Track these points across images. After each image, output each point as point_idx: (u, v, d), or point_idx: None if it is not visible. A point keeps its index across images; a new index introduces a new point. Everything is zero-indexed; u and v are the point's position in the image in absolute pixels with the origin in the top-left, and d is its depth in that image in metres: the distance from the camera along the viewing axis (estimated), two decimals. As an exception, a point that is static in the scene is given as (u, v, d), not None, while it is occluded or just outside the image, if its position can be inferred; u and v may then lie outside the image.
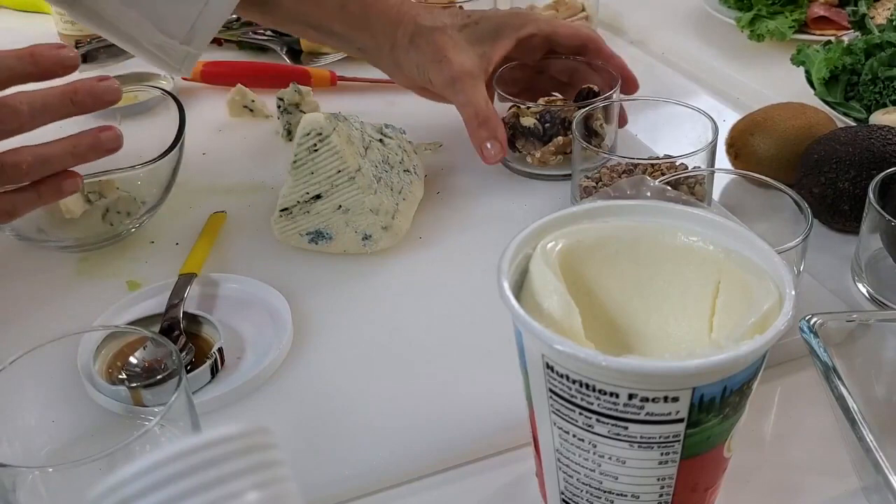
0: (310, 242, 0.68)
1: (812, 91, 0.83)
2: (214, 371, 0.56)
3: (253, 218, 0.73)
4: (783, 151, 0.72)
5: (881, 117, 0.76)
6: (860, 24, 0.87)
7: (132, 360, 0.53)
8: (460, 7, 0.99)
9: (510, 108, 0.79)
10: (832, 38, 0.87)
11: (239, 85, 0.90)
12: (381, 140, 0.72)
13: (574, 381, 0.37)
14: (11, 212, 0.58)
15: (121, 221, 0.70)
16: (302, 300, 0.63)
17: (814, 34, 0.98)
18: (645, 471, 0.38)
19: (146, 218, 0.71)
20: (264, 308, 0.62)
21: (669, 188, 0.54)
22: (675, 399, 0.36)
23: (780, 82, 0.90)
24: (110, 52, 0.93)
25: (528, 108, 0.77)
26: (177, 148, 0.68)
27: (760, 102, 0.80)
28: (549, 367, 0.37)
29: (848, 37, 0.89)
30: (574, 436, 0.39)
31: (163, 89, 0.73)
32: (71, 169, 0.59)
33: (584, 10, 1.08)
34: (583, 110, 0.72)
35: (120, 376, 0.53)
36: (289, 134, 0.85)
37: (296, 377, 0.57)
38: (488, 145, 0.71)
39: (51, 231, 0.69)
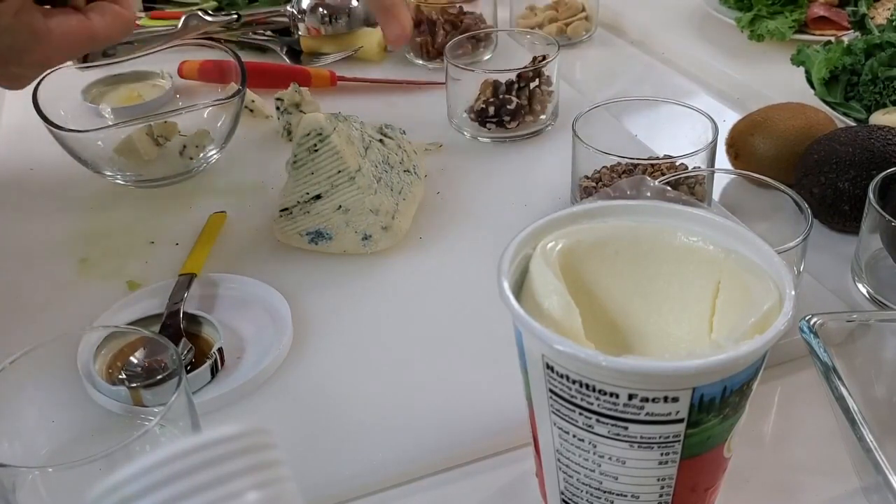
0: (310, 242, 0.68)
1: (812, 91, 0.83)
2: (214, 371, 0.56)
3: (253, 218, 0.73)
4: (783, 151, 0.72)
5: (881, 117, 0.76)
6: (860, 24, 0.87)
7: (132, 360, 0.53)
8: (460, 7, 0.99)
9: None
10: (832, 38, 0.87)
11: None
12: (381, 140, 0.72)
13: (574, 382, 0.37)
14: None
15: (198, 155, 0.78)
16: (302, 300, 0.63)
17: (814, 34, 0.98)
18: (645, 471, 0.38)
19: (216, 155, 0.79)
20: (264, 308, 0.62)
21: (669, 188, 0.54)
22: (675, 399, 0.36)
23: (780, 82, 0.90)
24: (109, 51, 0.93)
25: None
26: (240, 94, 0.77)
27: (760, 102, 0.80)
28: (549, 367, 0.37)
29: (848, 37, 0.89)
30: (574, 436, 0.39)
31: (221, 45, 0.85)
32: None
33: (584, 10, 1.08)
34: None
35: (120, 376, 0.53)
36: (289, 134, 0.85)
37: (296, 377, 0.57)
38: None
39: (130, 171, 0.77)
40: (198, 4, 1.09)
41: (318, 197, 0.66)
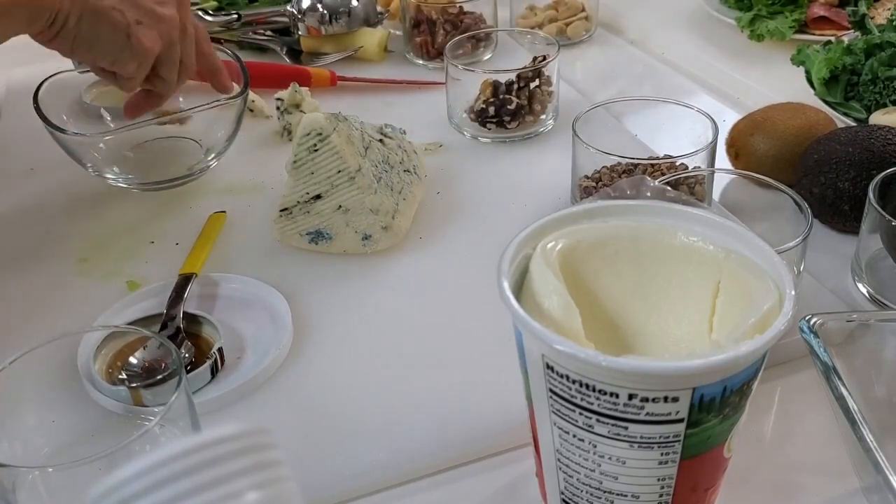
0: (310, 242, 0.68)
1: (812, 91, 0.83)
2: (214, 371, 0.56)
3: (253, 218, 0.73)
4: (783, 151, 0.72)
5: (881, 117, 0.76)
6: (860, 24, 0.87)
7: (132, 360, 0.53)
8: (460, 7, 0.99)
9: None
10: (832, 38, 0.87)
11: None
12: (381, 140, 0.72)
13: (574, 381, 0.37)
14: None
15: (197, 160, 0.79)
16: (302, 300, 0.63)
17: (814, 34, 0.98)
18: (645, 471, 0.38)
19: (217, 159, 0.79)
20: (264, 308, 0.62)
21: (669, 188, 0.54)
22: (675, 399, 0.36)
23: (780, 82, 0.90)
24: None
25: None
26: (243, 95, 0.77)
27: (760, 102, 0.80)
28: (549, 367, 0.37)
29: (848, 37, 0.89)
30: (574, 436, 0.39)
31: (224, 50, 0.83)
32: None
33: (584, 10, 1.08)
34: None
35: (120, 376, 0.53)
36: (289, 134, 0.85)
37: (296, 377, 0.57)
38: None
39: (128, 171, 0.77)
40: (198, 4, 1.09)
41: (318, 197, 0.66)
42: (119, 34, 0.63)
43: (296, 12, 1.01)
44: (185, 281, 0.63)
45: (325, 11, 1.00)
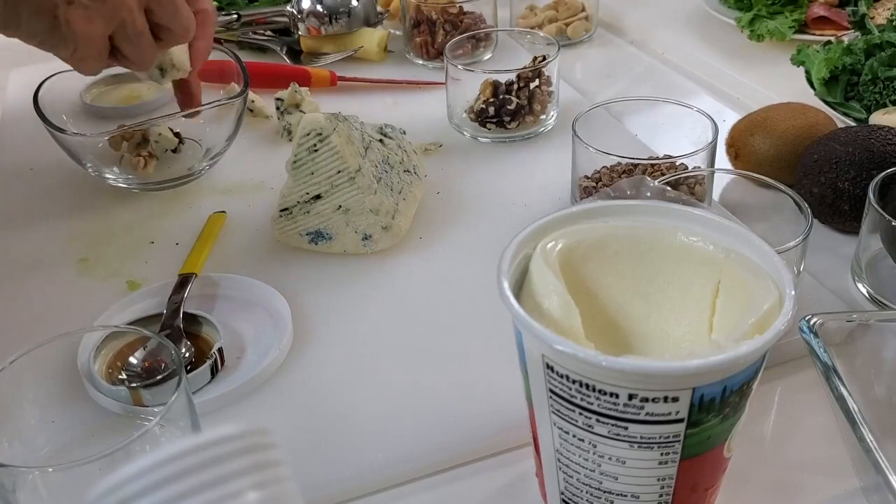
0: (310, 242, 0.68)
1: (812, 91, 0.83)
2: (214, 371, 0.56)
3: (253, 218, 0.73)
4: (783, 151, 0.72)
5: (881, 117, 0.76)
6: (860, 24, 0.87)
7: (132, 360, 0.53)
8: (460, 7, 0.99)
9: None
10: (832, 38, 0.87)
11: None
12: (381, 140, 0.72)
13: (574, 382, 0.37)
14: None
15: (199, 161, 0.79)
16: (302, 300, 0.63)
17: (814, 34, 0.98)
18: (645, 471, 0.38)
19: (217, 159, 0.79)
20: (264, 308, 0.62)
21: (669, 188, 0.54)
22: (675, 399, 0.36)
23: (780, 82, 0.90)
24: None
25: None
26: (243, 95, 0.77)
27: (760, 102, 0.80)
28: (549, 367, 0.38)
29: (848, 37, 0.89)
30: (574, 436, 0.39)
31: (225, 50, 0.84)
32: None
33: (584, 10, 1.08)
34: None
35: (120, 376, 0.53)
36: (289, 134, 0.85)
37: (296, 377, 0.57)
38: None
39: (128, 171, 0.78)
40: (198, 4, 1.08)
41: (318, 197, 0.66)
42: (44, 15, 0.58)
43: (296, 12, 1.01)
44: (185, 281, 0.63)
45: (325, 11, 1.00)
